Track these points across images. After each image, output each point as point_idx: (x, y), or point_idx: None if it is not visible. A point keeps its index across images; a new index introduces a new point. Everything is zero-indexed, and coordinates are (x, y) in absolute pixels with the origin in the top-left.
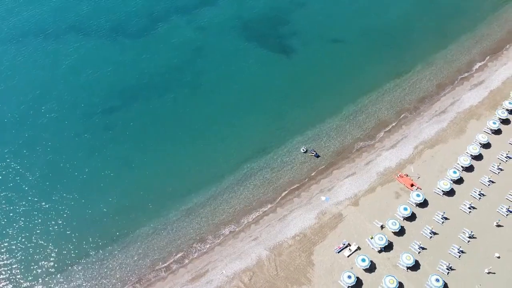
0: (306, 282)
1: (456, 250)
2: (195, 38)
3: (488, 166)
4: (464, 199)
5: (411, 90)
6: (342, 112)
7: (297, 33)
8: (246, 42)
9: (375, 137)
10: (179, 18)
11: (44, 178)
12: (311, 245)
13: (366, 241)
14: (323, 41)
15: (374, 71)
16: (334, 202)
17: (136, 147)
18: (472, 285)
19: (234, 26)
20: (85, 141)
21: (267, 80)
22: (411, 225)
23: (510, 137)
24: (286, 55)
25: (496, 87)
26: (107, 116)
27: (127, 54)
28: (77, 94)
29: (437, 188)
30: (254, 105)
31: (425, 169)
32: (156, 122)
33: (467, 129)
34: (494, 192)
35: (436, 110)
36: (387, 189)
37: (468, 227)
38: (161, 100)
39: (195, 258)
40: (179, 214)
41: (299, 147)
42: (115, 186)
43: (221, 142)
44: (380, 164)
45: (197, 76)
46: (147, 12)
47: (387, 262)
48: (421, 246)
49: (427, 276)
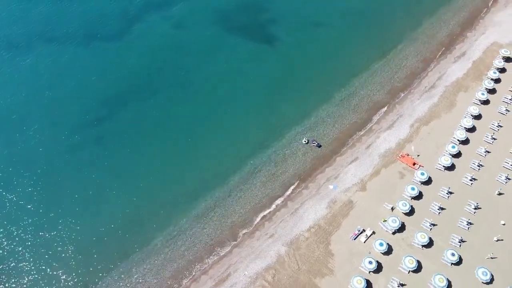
0: (328, 273)
1: (465, 223)
2: (174, 35)
3: (482, 137)
4: (465, 172)
5: (398, 68)
6: (335, 97)
7: (278, 20)
8: (228, 34)
9: (371, 119)
10: (154, 16)
11: (41, 203)
12: (327, 235)
13: (380, 224)
14: (305, 26)
15: (359, 53)
16: (342, 189)
17: (132, 156)
18: (484, 254)
19: (212, 18)
20: (77, 157)
21: (254, 72)
22: (419, 203)
23: (498, 106)
24: (269, 44)
25: (478, 57)
26: (97, 127)
27: (107, 60)
28: (61, 108)
29: (438, 164)
30: (245, 100)
31: (423, 147)
32: (148, 127)
33: (457, 102)
34: (491, 161)
35: (425, 86)
36: (391, 171)
37: (472, 198)
38: (149, 104)
39: (215, 262)
40: (191, 220)
41: (299, 138)
42: (118, 201)
43: (219, 141)
44: (380, 146)
45: (182, 75)
46: (120, 14)
47: (402, 243)
48: (431, 223)
49: (442, 251)
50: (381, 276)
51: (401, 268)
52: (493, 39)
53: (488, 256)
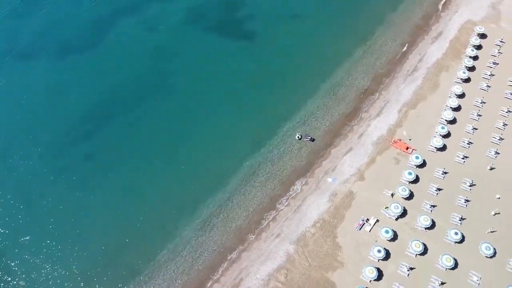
0: (339, 266)
1: (462, 201)
2: (151, 39)
3: (468, 115)
4: (456, 151)
5: (379, 54)
6: (321, 89)
7: (255, 15)
8: (206, 33)
9: (360, 108)
10: (128, 21)
11: (36, 233)
12: (333, 229)
13: (382, 212)
14: (283, 19)
15: (340, 42)
16: (341, 181)
17: (125, 171)
18: (485, 229)
19: (188, 19)
20: (68, 179)
21: (237, 71)
22: (417, 187)
23: (479, 83)
24: (249, 40)
25: (454, 36)
26: (83, 144)
27: (84, 72)
28: (43, 129)
29: (430, 146)
30: (232, 101)
31: (414, 130)
32: (137, 139)
33: (440, 83)
34: (480, 138)
35: (408, 70)
36: (386, 157)
37: (466, 176)
38: (135, 114)
39: (225, 269)
40: (194, 229)
41: (291, 134)
42: (116, 219)
43: (212, 146)
44: (372, 134)
45: (165, 80)
46: (91, 23)
47: (406, 227)
48: (431, 205)
49: (444, 231)
50: (390, 263)
51: (409, 252)
52: (466, 17)
53: (489, 231)
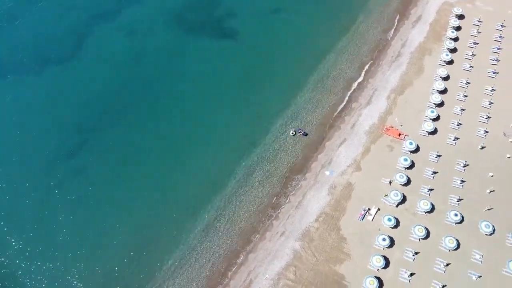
0: (346, 258)
1: (458, 182)
2: (132, 45)
3: (455, 97)
4: (447, 133)
5: (362, 42)
6: (309, 82)
7: (234, 12)
8: (187, 35)
9: (349, 98)
10: (105, 28)
11: (37, 257)
12: (336, 221)
13: (382, 200)
14: (263, 15)
15: (322, 33)
16: (338, 173)
17: (119, 183)
18: (482, 208)
19: (166, 21)
20: (61, 197)
21: (222, 71)
22: (413, 172)
23: (462, 64)
24: (232, 38)
25: (434, 19)
26: (73, 159)
27: (66, 84)
28: (30, 147)
29: (422, 130)
30: (220, 102)
31: (404, 116)
32: (127, 149)
33: (425, 67)
34: (468, 118)
35: (392, 56)
36: (380, 145)
37: (459, 157)
38: (123, 122)
39: (234, 273)
40: (198, 236)
41: (284, 130)
42: (117, 233)
43: (205, 150)
44: (364, 123)
45: (150, 86)
46: (68, 32)
47: (406, 213)
48: (429, 189)
49: (444, 213)
50: (395, 250)
51: (412, 237)
52: None
53: (486, 209)
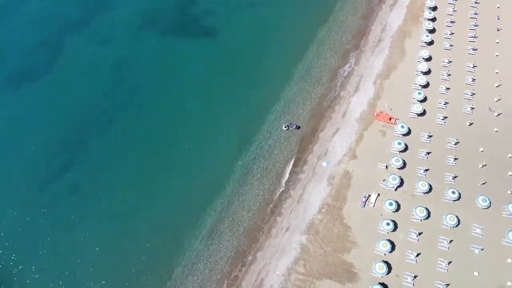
0: (352, 246)
1: (452, 160)
2: (108, 53)
3: (439, 77)
4: (436, 113)
5: (343, 30)
6: (295, 75)
7: (210, 9)
8: (164, 37)
9: (337, 87)
10: (78, 38)
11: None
12: (338, 211)
13: (381, 185)
14: (239, 9)
15: (301, 24)
16: (335, 163)
17: (115, 197)
18: (476, 183)
19: (142, 24)
20: (56, 215)
21: (205, 71)
22: (407, 155)
23: (442, 43)
24: (211, 37)
25: (410, 1)
26: (65, 175)
27: (45, 100)
28: (19, 167)
29: (411, 113)
30: (208, 103)
31: (392, 100)
32: (119, 160)
33: (407, 49)
34: (453, 96)
35: (373, 41)
36: (372, 131)
37: (450, 135)
38: (110, 133)
39: (244, 273)
40: (203, 240)
41: (276, 125)
42: (120, 246)
43: (199, 154)
44: (354, 111)
45: (133, 93)
46: (40, 45)
47: (406, 195)
48: (424, 169)
49: (442, 192)
50: (399, 232)
51: (414, 219)
52: None
53: (480, 183)
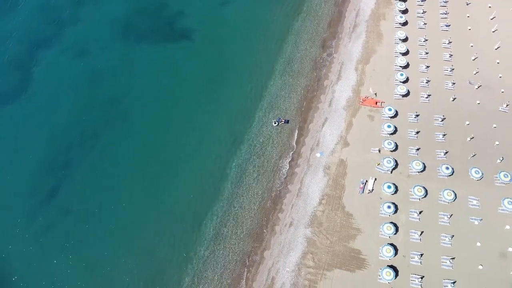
0: (357, 232)
1: (441, 136)
2: (84, 66)
3: (417, 56)
4: (419, 92)
5: (318, 19)
6: (276, 69)
7: (182, 10)
8: (140, 44)
9: (319, 76)
10: (51, 52)
11: None
12: (338, 200)
13: (377, 169)
14: (212, 7)
15: (275, 16)
16: (329, 152)
17: (111, 215)
18: (467, 156)
19: (114, 33)
20: (53, 240)
21: (186, 74)
22: (398, 136)
23: (416, 22)
24: (187, 38)
25: None
26: (54, 200)
27: (23, 120)
28: (3, 194)
29: (396, 95)
30: (193, 106)
31: (376, 84)
32: (109, 176)
33: (383, 32)
34: (434, 74)
35: (349, 28)
36: (360, 117)
37: (436, 113)
38: (96, 150)
39: (254, 274)
40: (209, 246)
41: (265, 122)
42: (126, 266)
43: (191, 159)
44: (340, 99)
45: (116, 104)
46: (11, 63)
47: (401, 177)
48: (416, 149)
49: (436, 169)
50: (400, 214)
51: (412, 198)
52: None
53: (470, 156)
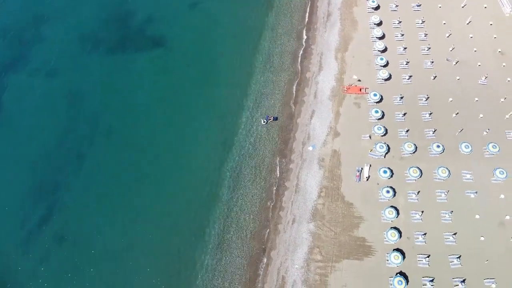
0: (359, 220)
1: (427, 116)
2: (56, 86)
3: (394, 38)
4: (401, 74)
5: (290, 11)
6: (256, 66)
7: (152, 17)
8: (113, 57)
9: (300, 69)
10: (18, 74)
11: None
12: (337, 190)
13: (370, 156)
14: (182, 11)
15: (247, 14)
16: (321, 144)
17: (109, 237)
18: (455, 131)
19: (85, 48)
20: (51, 269)
21: (165, 82)
22: (386, 121)
23: (389, 5)
24: (161, 45)
25: None
26: (46, 227)
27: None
28: None
29: (378, 79)
30: (177, 114)
31: (357, 70)
32: (101, 197)
33: (357, 18)
34: (412, 55)
35: (322, 17)
36: (347, 106)
37: (419, 93)
38: (83, 172)
39: (264, 276)
40: (214, 255)
41: (253, 122)
42: (131, 286)
43: (183, 168)
44: (324, 89)
45: (95, 123)
46: None
47: (394, 160)
48: (405, 131)
49: (427, 148)
50: (399, 196)
51: (409, 180)
52: None
53: (458, 131)
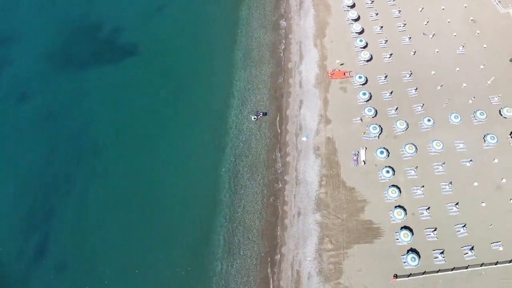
0: (364, 204)
1: (413, 91)
2: (32, 109)
3: (369, 19)
4: (381, 53)
5: (262, 3)
6: (236, 63)
7: (119, 25)
8: (87, 71)
9: (281, 61)
10: None
11: None
12: (337, 177)
13: (364, 138)
14: (149, 16)
15: (218, 11)
16: (314, 134)
17: (112, 255)
18: (442, 103)
19: (55, 66)
20: None
21: (144, 92)
22: (374, 101)
23: None
24: (133, 54)
25: None
26: (44, 256)
27: None
28: None
29: (360, 61)
30: (163, 122)
31: (338, 55)
32: (96, 217)
33: (330, 2)
34: (389, 33)
35: (295, 5)
36: (334, 91)
37: (402, 69)
38: (75, 194)
39: (278, 274)
40: (224, 259)
41: (242, 119)
42: None
43: (178, 175)
44: (309, 78)
45: (81, 142)
46: None
47: (388, 139)
48: (395, 109)
49: (418, 123)
50: (398, 175)
51: (405, 157)
52: None
53: (445, 103)
